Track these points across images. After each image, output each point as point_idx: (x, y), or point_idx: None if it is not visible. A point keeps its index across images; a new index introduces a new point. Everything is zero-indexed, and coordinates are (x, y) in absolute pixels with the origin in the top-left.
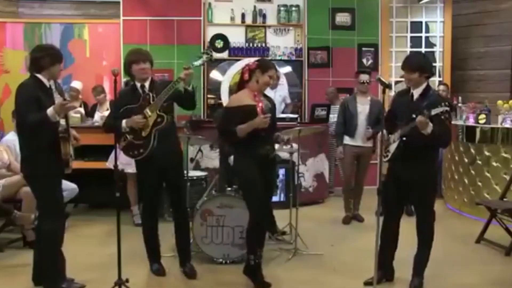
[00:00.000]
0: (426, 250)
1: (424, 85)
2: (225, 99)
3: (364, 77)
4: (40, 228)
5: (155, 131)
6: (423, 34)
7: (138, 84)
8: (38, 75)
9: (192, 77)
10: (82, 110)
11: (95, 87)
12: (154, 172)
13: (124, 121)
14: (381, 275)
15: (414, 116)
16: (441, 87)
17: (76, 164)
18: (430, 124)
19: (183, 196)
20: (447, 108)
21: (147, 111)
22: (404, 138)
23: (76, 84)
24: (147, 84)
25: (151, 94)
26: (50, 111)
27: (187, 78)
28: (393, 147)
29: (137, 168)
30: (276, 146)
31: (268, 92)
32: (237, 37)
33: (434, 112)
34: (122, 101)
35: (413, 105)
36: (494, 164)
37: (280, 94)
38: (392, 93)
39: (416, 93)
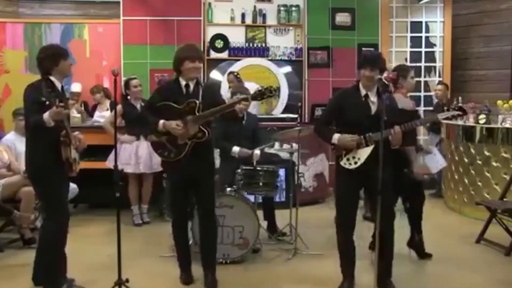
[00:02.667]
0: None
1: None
2: (226, 98)
3: None
4: (43, 228)
5: (192, 143)
6: (423, 34)
7: (183, 83)
8: (50, 77)
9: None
10: (82, 109)
11: (91, 88)
12: (184, 182)
13: (161, 122)
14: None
15: (389, 120)
16: (439, 86)
17: None
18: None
19: (212, 203)
20: (459, 112)
21: (190, 121)
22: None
23: (76, 87)
24: (192, 84)
25: (197, 102)
26: (45, 115)
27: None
28: (363, 153)
29: (166, 172)
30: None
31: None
32: (237, 37)
33: (441, 117)
34: (164, 94)
35: (376, 109)
36: (494, 164)
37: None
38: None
39: (372, 94)
